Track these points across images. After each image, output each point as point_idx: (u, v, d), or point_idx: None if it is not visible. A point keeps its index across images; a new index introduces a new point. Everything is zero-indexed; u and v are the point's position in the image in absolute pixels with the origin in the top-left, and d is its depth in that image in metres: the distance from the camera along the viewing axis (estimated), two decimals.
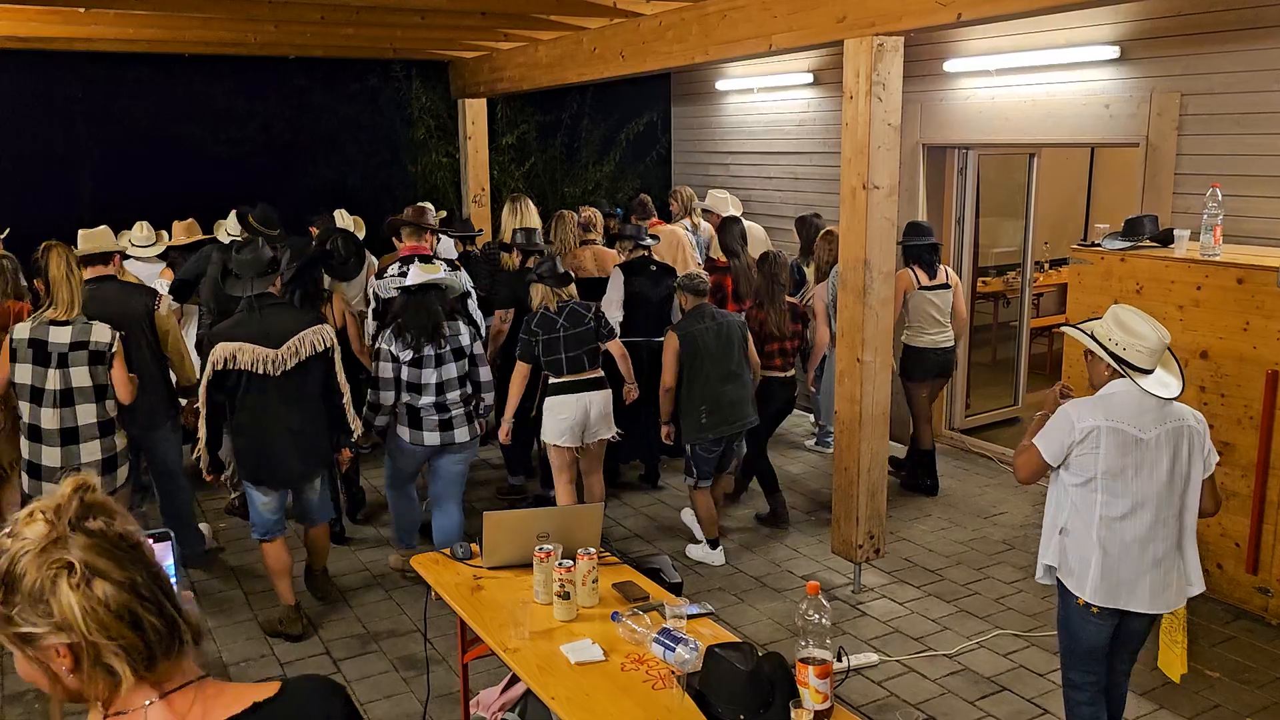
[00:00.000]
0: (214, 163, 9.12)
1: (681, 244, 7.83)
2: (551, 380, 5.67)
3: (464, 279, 6.38)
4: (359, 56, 9.23)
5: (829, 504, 6.28)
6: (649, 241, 6.78)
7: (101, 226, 5.56)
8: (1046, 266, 9.91)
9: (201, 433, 4.78)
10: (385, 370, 5.18)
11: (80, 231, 5.47)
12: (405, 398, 5.23)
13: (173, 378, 5.57)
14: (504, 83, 8.65)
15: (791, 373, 6.49)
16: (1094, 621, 3.52)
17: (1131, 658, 3.75)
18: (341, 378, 4.95)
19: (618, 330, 6.11)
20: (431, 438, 5.26)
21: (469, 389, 5.39)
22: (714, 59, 6.09)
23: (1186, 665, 3.67)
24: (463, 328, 5.37)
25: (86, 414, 4.69)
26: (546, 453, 5.90)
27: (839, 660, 2.95)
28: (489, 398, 5.51)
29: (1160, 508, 3.42)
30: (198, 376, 5.46)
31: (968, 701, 4.49)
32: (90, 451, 4.71)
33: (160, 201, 7.58)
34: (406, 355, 5.17)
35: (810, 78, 8.48)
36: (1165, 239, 5.56)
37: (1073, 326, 3.66)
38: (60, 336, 4.62)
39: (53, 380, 4.61)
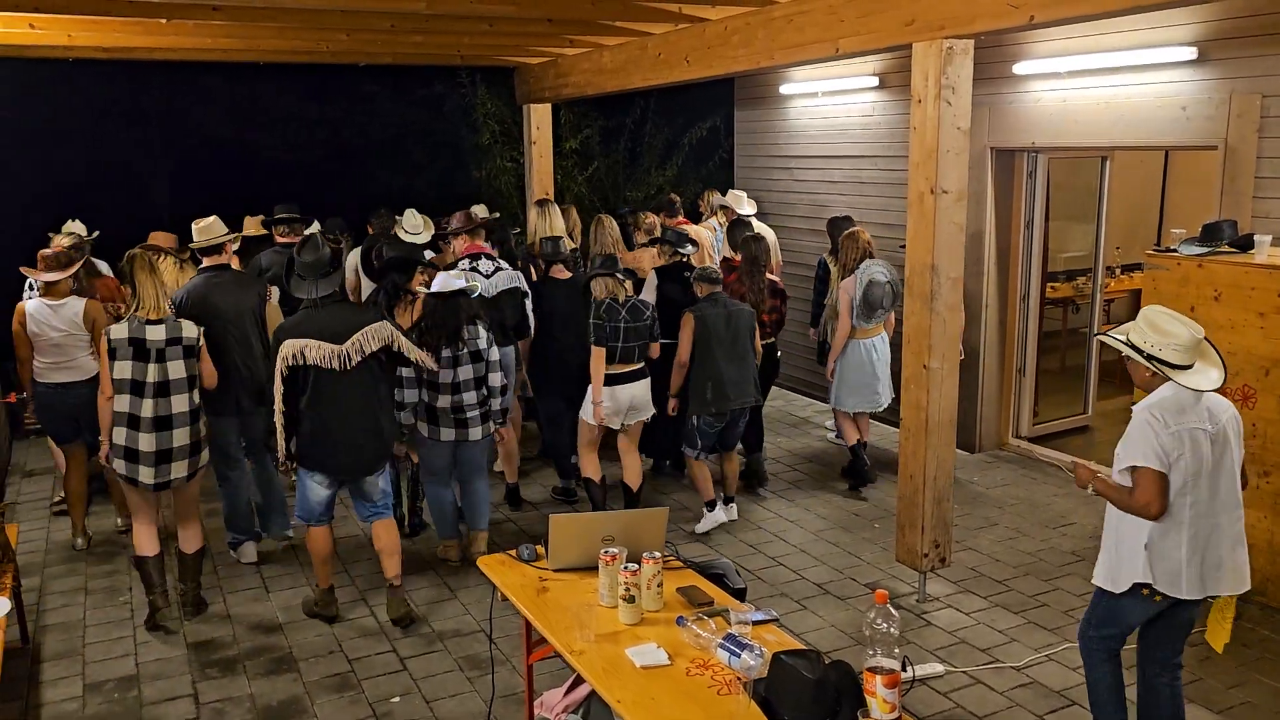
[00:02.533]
0: (284, 168, 9.34)
1: (703, 243, 8.33)
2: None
3: (519, 279, 6.66)
4: (427, 63, 9.37)
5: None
6: (689, 249, 7.09)
7: (212, 217, 5.85)
8: (1118, 272, 9.71)
9: (279, 425, 4.97)
10: (407, 370, 5.49)
11: (194, 224, 5.81)
12: (424, 396, 5.57)
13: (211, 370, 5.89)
14: (569, 88, 8.71)
15: (771, 340, 7.13)
16: (1153, 606, 3.63)
17: (1180, 649, 3.83)
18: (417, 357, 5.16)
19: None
20: (447, 434, 5.63)
21: (485, 391, 5.70)
22: (780, 64, 6.06)
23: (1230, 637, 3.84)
24: (481, 332, 5.66)
25: (180, 403, 5.05)
26: (578, 429, 6.40)
27: (904, 670, 2.92)
28: (497, 402, 5.81)
29: (1230, 495, 3.58)
30: None
31: (1036, 715, 4.41)
32: (180, 437, 5.06)
33: (233, 206, 7.75)
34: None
35: (875, 81, 8.41)
36: (1245, 244, 5.41)
37: (1107, 334, 3.75)
38: (156, 334, 4.98)
39: (152, 374, 4.97)
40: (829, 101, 9.07)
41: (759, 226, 8.48)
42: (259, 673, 4.84)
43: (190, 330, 5.08)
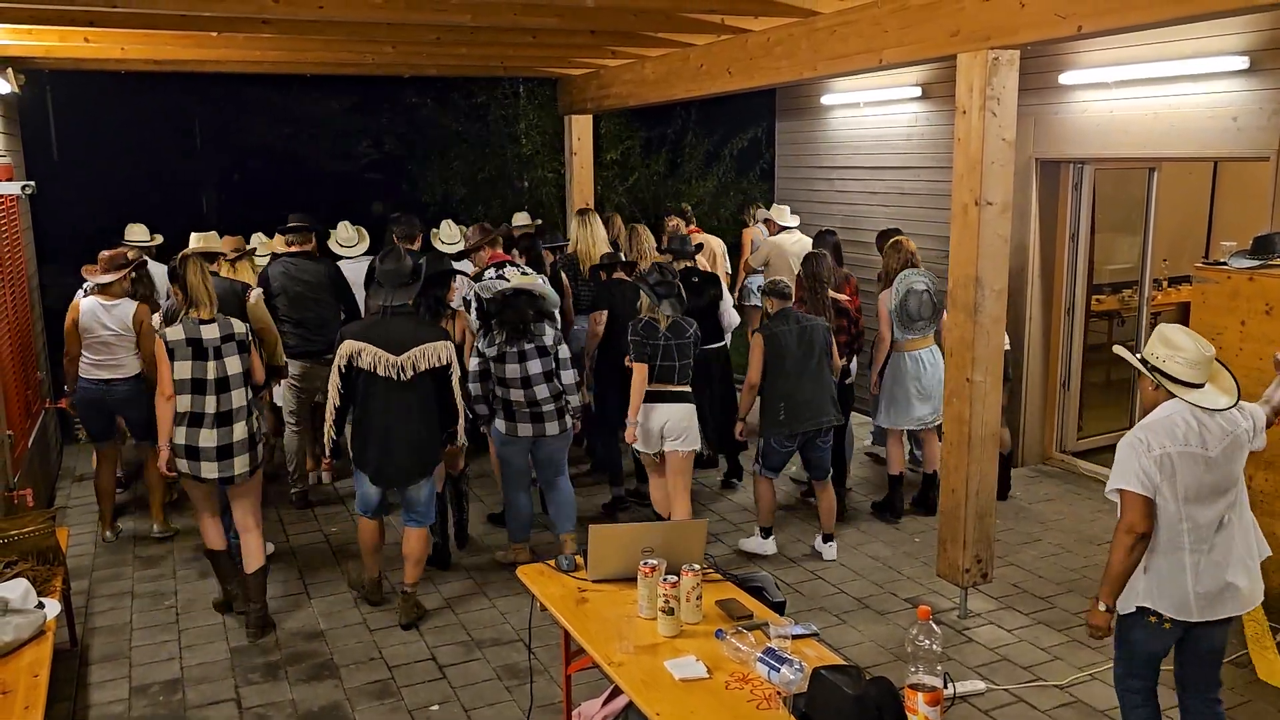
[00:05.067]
0: (328, 176, 9.49)
1: (713, 251, 8.55)
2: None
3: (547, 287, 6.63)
4: (470, 75, 9.47)
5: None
6: (692, 251, 7.10)
7: (211, 231, 6.29)
8: (1165, 284, 9.54)
9: (329, 419, 5.13)
10: (472, 364, 5.68)
11: (193, 233, 6.23)
12: (499, 391, 5.70)
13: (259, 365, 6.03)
14: (611, 99, 8.75)
15: (842, 362, 6.80)
16: (1164, 634, 3.53)
17: (1216, 681, 3.70)
18: (458, 396, 5.20)
19: None
20: (524, 429, 5.70)
21: (558, 386, 5.73)
22: (823, 74, 6.05)
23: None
24: (548, 329, 5.72)
25: (239, 398, 5.14)
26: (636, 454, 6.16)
27: (945, 687, 2.88)
28: (574, 399, 5.83)
29: (1234, 514, 3.49)
30: (283, 357, 6.24)
31: None
32: (240, 431, 5.13)
33: (278, 215, 7.88)
34: (492, 351, 5.60)
35: (918, 91, 8.36)
36: None
37: (1121, 346, 3.74)
38: (211, 333, 5.07)
39: (212, 371, 5.06)
40: (871, 112, 9.03)
41: (800, 239, 8.45)
42: (300, 678, 4.89)
43: (240, 326, 5.18)
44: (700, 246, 7.46)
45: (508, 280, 6.30)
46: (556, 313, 6.72)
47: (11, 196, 6.88)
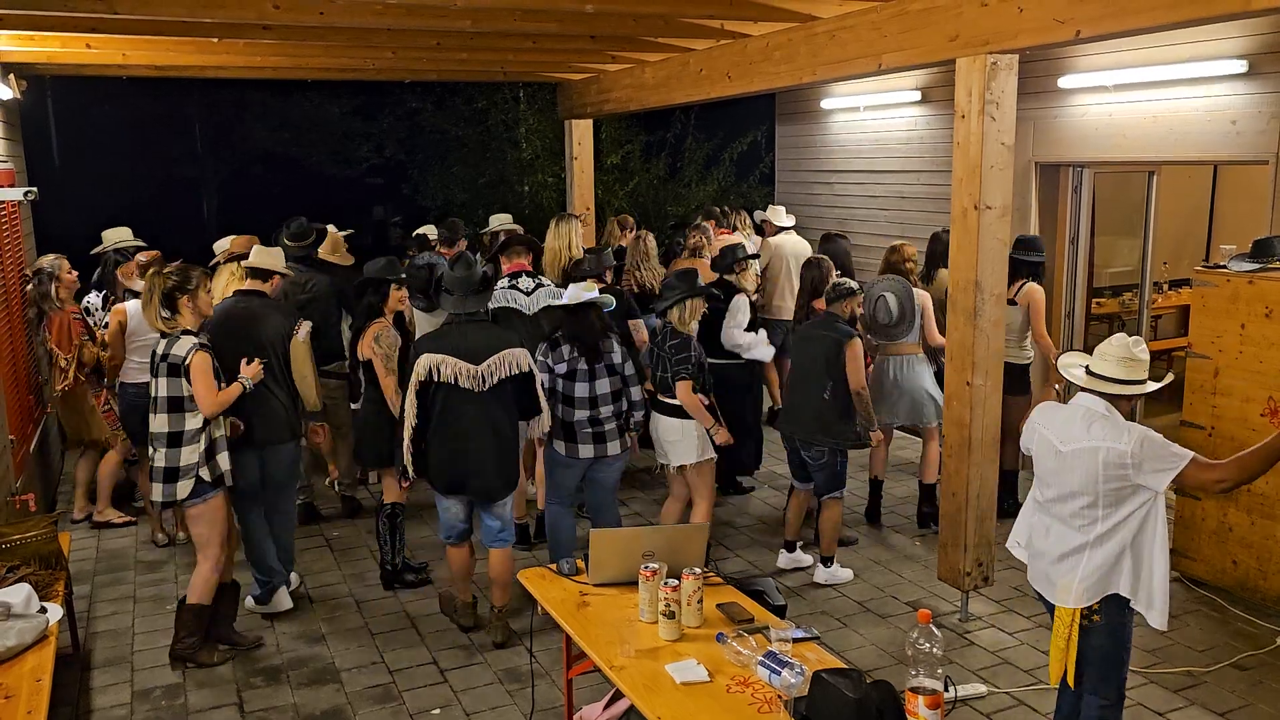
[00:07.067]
0: (329, 182, 9.51)
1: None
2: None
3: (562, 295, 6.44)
4: (471, 80, 9.49)
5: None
6: (730, 261, 6.64)
7: (276, 249, 5.78)
8: (1165, 288, 9.56)
9: (406, 438, 4.91)
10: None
11: (256, 246, 5.76)
12: (559, 411, 5.30)
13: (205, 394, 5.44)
14: (611, 104, 8.77)
15: None
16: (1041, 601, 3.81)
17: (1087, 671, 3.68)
18: (543, 399, 5.06)
19: (692, 372, 5.56)
20: (585, 450, 5.32)
21: (623, 404, 5.41)
22: (821, 79, 6.07)
23: (1063, 672, 3.65)
24: (616, 345, 5.39)
25: (160, 423, 4.81)
26: None
27: (946, 690, 2.89)
28: (639, 414, 5.48)
29: (1066, 515, 3.61)
30: (318, 404, 5.58)
31: None
32: (158, 458, 4.83)
33: (278, 219, 7.88)
34: (561, 368, 5.27)
35: (918, 95, 8.38)
36: None
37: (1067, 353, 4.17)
38: (159, 349, 4.86)
39: (152, 388, 4.87)
40: (871, 116, 9.05)
41: (798, 241, 8.44)
42: (302, 683, 4.90)
43: (180, 348, 4.79)
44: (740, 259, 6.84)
45: (522, 291, 6.13)
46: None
47: (13, 202, 6.89)
